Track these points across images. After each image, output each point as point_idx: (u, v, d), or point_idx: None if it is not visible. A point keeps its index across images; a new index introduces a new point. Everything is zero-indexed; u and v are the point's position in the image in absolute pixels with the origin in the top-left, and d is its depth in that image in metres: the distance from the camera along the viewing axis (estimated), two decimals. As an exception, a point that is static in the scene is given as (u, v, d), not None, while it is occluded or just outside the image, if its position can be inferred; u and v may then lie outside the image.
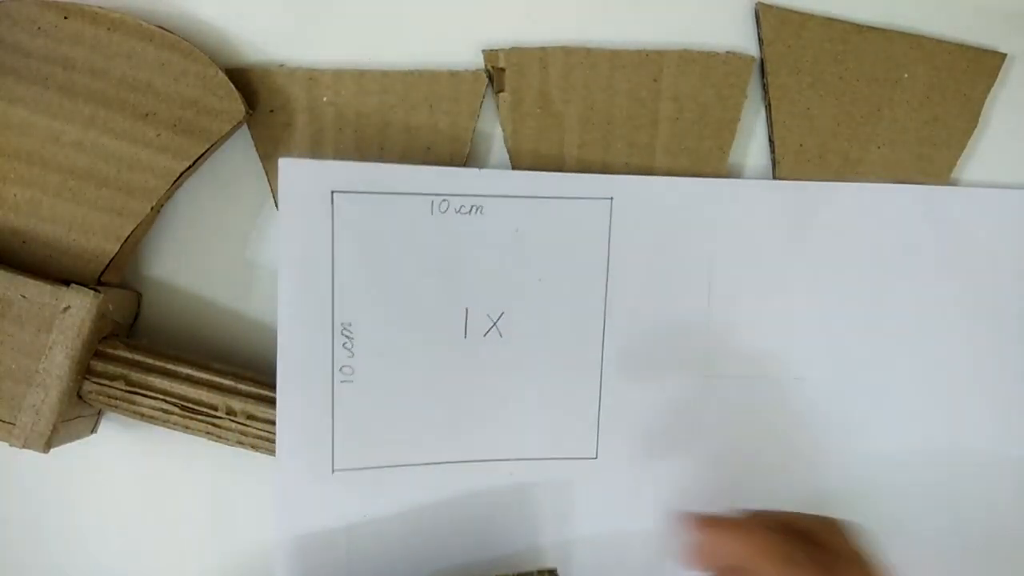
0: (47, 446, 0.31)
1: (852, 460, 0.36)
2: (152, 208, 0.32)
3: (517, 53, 0.34)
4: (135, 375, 0.31)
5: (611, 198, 0.34)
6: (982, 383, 0.37)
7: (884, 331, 0.36)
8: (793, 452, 0.36)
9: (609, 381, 0.34)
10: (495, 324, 0.33)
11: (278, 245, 0.32)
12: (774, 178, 0.36)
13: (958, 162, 0.37)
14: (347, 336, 0.32)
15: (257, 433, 0.32)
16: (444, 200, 0.32)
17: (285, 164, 0.31)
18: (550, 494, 0.34)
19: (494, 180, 0.33)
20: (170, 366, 0.32)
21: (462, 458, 0.34)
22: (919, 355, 0.37)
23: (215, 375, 0.32)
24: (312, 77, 0.33)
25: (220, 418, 0.32)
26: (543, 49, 0.34)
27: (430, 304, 0.33)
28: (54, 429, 0.31)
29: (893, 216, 0.36)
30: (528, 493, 0.34)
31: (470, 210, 0.33)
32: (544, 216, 0.33)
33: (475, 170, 0.33)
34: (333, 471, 0.32)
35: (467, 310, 0.33)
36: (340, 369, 0.32)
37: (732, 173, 0.36)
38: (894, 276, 0.36)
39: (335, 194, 0.31)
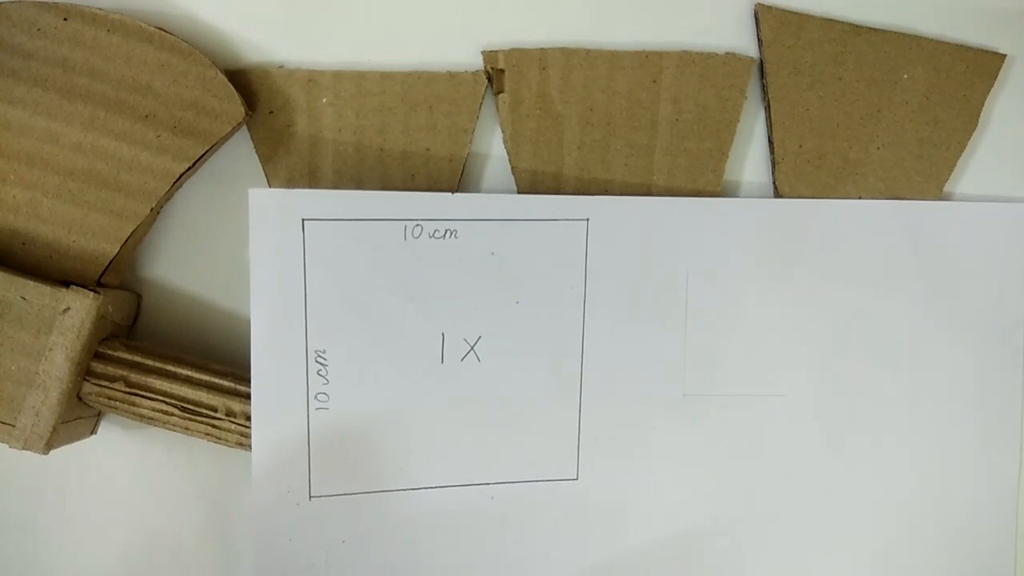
0: (47, 448, 0.31)
1: (833, 478, 0.36)
2: (152, 209, 0.32)
3: (516, 54, 0.34)
4: (135, 376, 0.31)
5: (587, 219, 0.34)
6: (967, 403, 0.37)
7: (867, 349, 0.36)
8: (773, 470, 0.36)
9: (588, 402, 0.34)
10: (472, 348, 0.33)
11: (251, 273, 0.32)
12: (773, 179, 0.36)
13: (957, 163, 0.37)
14: (321, 363, 0.32)
15: (257, 434, 0.32)
16: (417, 225, 0.32)
17: (254, 194, 0.31)
18: (531, 517, 0.34)
19: (468, 204, 0.33)
20: (170, 367, 0.32)
21: (441, 483, 0.33)
22: (902, 373, 0.36)
23: (215, 376, 0.32)
24: (311, 78, 0.33)
25: (220, 419, 0.32)
26: (542, 50, 0.34)
27: (405, 330, 0.33)
28: (54, 431, 0.31)
29: (877, 234, 0.36)
30: (509, 516, 0.34)
31: (444, 234, 0.33)
32: (520, 239, 0.33)
33: (448, 194, 0.33)
34: (310, 498, 0.32)
35: (443, 335, 0.33)
36: (315, 396, 0.32)
37: (731, 174, 0.36)
38: (877, 293, 0.36)
39: (306, 222, 0.32)
